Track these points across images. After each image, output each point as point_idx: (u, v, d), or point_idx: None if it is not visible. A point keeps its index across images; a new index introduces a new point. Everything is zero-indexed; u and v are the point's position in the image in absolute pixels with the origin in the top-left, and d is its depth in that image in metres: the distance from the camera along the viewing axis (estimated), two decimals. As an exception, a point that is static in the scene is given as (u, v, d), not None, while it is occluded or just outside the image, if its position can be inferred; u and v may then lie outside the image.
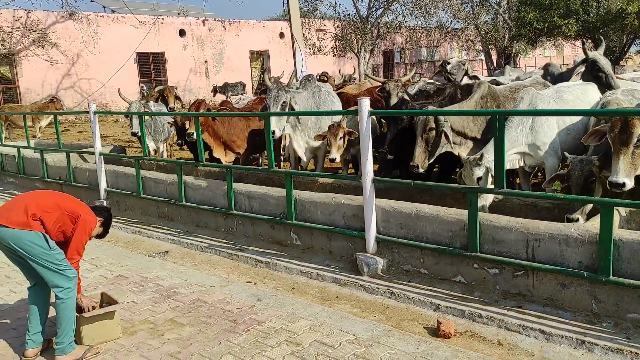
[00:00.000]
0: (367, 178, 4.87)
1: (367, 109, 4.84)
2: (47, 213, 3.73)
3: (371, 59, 25.77)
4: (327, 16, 27.23)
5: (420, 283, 4.58)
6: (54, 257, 3.68)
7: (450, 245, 4.49)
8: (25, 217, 3.65)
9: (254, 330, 4.05)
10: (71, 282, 3.74)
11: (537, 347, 3.58)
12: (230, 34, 30.40)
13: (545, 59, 40.09)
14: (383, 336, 3.84)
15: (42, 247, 3.64)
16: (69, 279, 3.73)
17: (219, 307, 4.51)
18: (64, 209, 3.81)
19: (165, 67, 27.82)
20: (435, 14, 25.57)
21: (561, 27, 19.59)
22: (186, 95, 26.40)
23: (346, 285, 4.78)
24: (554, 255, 3.94)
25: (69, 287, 3.73)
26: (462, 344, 3.70)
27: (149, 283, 5.16)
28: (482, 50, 27.55)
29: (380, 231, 4.94)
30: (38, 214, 3.69)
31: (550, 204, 4.73)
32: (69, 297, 3.73)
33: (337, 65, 31.81)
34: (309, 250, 5.55)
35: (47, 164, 9.10)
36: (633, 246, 3.62)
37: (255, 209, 6.03)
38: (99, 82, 24.00)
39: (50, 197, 3.88)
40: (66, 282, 3.72)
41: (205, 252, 5.95)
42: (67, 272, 3.73)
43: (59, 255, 3.71)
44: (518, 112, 5.37)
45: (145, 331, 4.17)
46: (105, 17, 26.08)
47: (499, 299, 4.15)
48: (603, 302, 3.77)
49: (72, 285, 3.75)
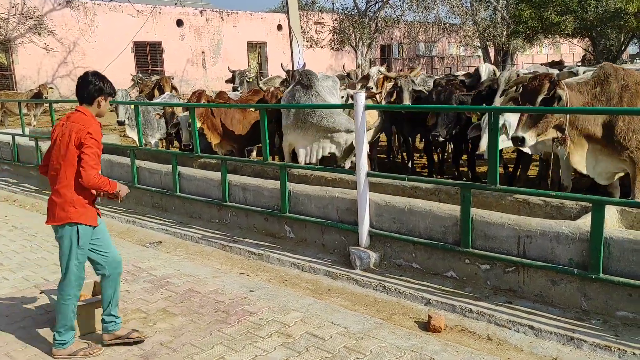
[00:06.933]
0: (362, 172, 4.88)
1: (362, 103, 4.84)
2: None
3: (369, 53, 25.73)
4: (325, 9, 27.11)
5: (412, 277, 4.60)
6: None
7: (442, 240, 4.52)
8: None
9: (246, 321, 4.07)
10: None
11: (526, 342, 3.61)
12: (228, 25, 30.27)
13: (543, 56, 40.12)
14: (374, 329, 3.86)
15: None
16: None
17: (211, 298, 4.52)
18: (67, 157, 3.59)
19: (162, 57, 27.69)
20: (433, 9, 25.54)
21: (558, 24, 19.58)
22: (182, 86, 26.25)
23: (338, 278, 4.81)
24: (545, 252, 3.97)
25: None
26: (452, 338, 3.73)
27: (142, 273, 5.17)
28: (480, 47, 27.52)
29: (374, 225, 4.95)
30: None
31: (542, 201, 4.75)
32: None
33: (335, 59, 31.79)
34: (302, 243, 5.57)
35: (42, 152, 9.07)
36: (623, 244, 3.65)
37: (250, 201, 6.04)
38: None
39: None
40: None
41: (199, 243, 5.96)
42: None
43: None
44: (513, 109, 5.39)
45: (137, 320, 4.18)
46: (102, 6, 25.91)
47: (490, 294, 4.18)
48: (592, 300, 3.80)
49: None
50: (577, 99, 4.69)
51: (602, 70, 4.86)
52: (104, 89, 3.73)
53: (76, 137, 3.54)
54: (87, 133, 3.54)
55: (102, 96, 3.72)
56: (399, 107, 7.37)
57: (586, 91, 4.79)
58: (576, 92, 4.72)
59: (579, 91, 4.76)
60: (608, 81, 4.77)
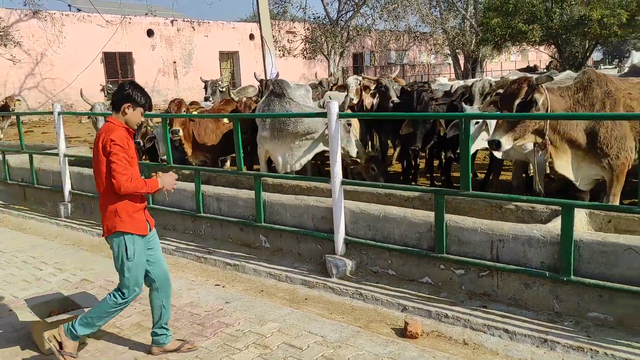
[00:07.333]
0: (336, 180, 4.90)
1: (335, 112, 4.87)
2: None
3: (341, 61, 25.91)
4: (297, 18, 27.27)
5: (388, 284, 4.62)
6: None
7: (417, 246, 4.55)
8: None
9: (222, 333, 4.02)
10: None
11: (501, 346, 3.66)
12: (199, 34, 30.15)
13: (511, 63, 40.96)
14: (351, 337, 3.86)
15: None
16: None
17: (186, 311, 4.46)
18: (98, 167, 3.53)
19: (132, 67, 27.43)
20: (404, 18, 25.90)
21: (525, 32, 20.03)
22: (154, 96, 25.97)
23: (315, 287, 4.80)
24: (518, 255, 4.03)
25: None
26: (429, 344, 3.75)
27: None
28: (450, 55, 27.97)
29: (349, 233, 4.96)
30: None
31: (514, 206, 4.82)
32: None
33: (308, 68, 31.90)
34: (278, 252, 5.55)
35: (9, 165, 8.86)
36: (593, 247, 3.73)
37: (224, 212, 6.00)
38: (64, 82, 23.49)
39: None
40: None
41: (173, 255, 5.88)
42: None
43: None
44: (482, 115, 5.47)
45: (111, 336, 4.10)
46: (70, 16, 25.57)
47: (465, 299, 4.22)
48: (564, 302, 3.87)
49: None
50: (558, 103, 4.69)
51: (585, 76, 4.87)
52: (132, 96, 3.56)
53: (102, 145, 3.47)
54: (110, 140, 3.43)
55: (128, 104, 3.55)
56: (372, 116, 7.44)
57: (568, 96, 4.79)
58: (558, 97, 4.72)
59: (561, 95, 4.77)
60: (591, 87, 4.78)
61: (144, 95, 3.63)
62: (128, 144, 3.50)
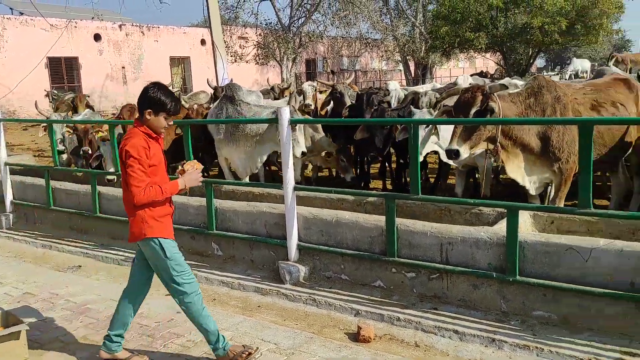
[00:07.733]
0: (289, 186, 4.89)
1: (287, 118, 4.86)
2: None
3: (294, 67, 25.94)
4: (249, 24, 27.14)
5: (341, 289, 4.64)
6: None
7: (369, 250, 4.59)
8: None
9: (173, 345, 3.94)
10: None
11: (451, 346, 3.73)
12: (149, 39, 29.58)
13: (460, 70, 42.05)
14: (304, 344, 3.85)
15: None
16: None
17: (135, 322, 4.33)
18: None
19: (79, 72, 26.63)
20: (355, 25, 26.15)
21: (472, 40, 20.62)
22: (102, 102, 25.37)
23: (268, 294, 4.76)
24: (466, 257, 4.12)
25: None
26: (382, 347, 3.78)
27: (60, 300, 4.89)
28: (400, 61, 28.46)
29: (302, 239, 4.96)
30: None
31: (462, 209, 4.93)
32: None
33: (260, 74, 31.79)
34: (231, 260, 5.49)
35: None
36: (536, 247, 3.86)
37: (175, 220, 5.85)
38: (5, 88, 22.49)
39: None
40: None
41: (122, 266, 5.72)
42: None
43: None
44: (428, 121, 5.58)
45: (56, 351, 3.94)
46: (12, 20, 24.62)
47: (416, 301, 4.29)
48: (511, 301, 3.98)
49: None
50: (510, 109, 4.76)
51: (535, 82, 4.98)
52: (154, 101, 3.36)
53: (119, 154, 3.41)
54: (125, 151, 3.32)
55: (149, 109, 3.36)
56: (324, 121, 7.47)
57: (519, 101, 4.88)
58: (509, 103, 4.80)
59: (512, 101, 4.85)
60: (541, 92, 4.89)
61: (169, 99, 3.39)
62: (146, 153, 3.34)
